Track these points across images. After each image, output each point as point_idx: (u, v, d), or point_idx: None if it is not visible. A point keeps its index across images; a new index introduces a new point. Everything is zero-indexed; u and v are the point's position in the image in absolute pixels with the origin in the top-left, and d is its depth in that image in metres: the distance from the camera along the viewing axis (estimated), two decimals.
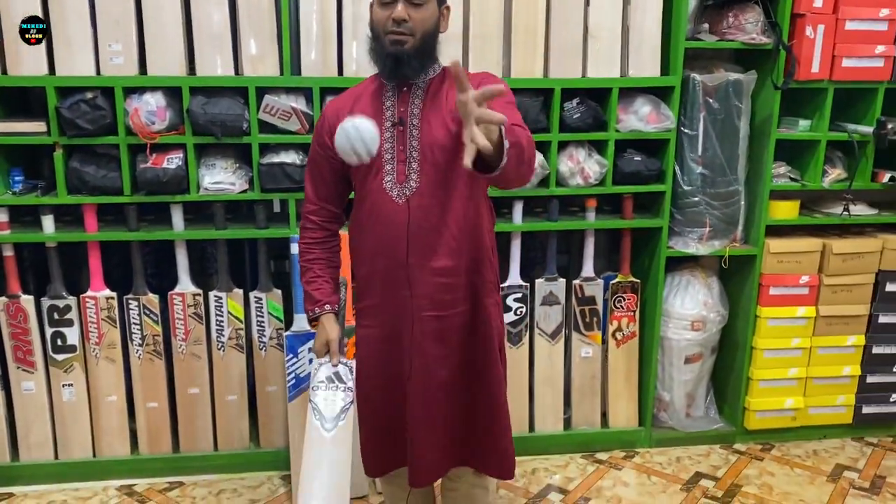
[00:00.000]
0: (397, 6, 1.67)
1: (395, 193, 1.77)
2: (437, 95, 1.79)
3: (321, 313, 1.91)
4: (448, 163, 1.76)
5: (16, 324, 2.65)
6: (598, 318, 2.97)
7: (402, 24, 1.68)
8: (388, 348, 1.86)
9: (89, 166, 2.53)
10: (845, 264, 2.97)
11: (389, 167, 1.78)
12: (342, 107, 1.83)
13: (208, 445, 2.83)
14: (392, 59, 1.71)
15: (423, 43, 1.73)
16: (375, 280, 1.84)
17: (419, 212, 1.76)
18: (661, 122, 2.75)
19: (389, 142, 1.77)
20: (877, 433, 3.21)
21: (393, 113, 1.78)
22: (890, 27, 2.79)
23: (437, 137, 1.76)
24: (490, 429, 1.94)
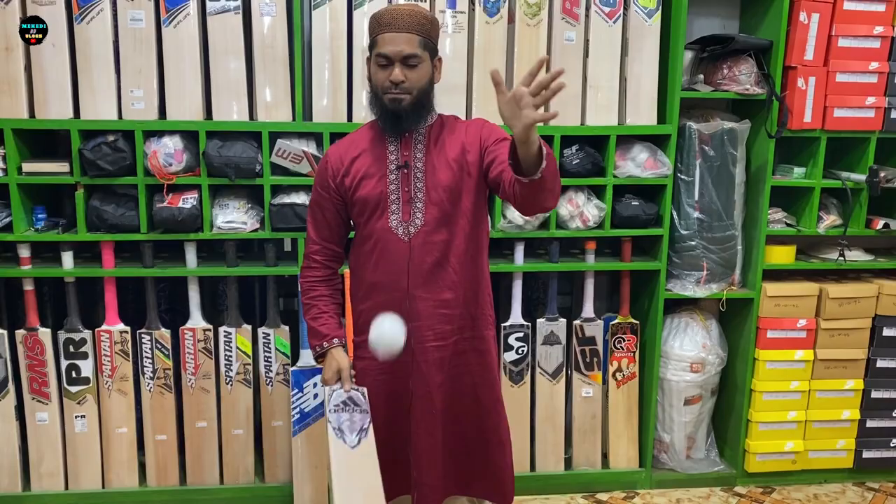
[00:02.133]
0: (394, 69, 1.79)
1: (401, 231, 1.88)
2: (439, 140, 1.91)
3: (329, 347, 1.97)
4: (451, 202, 1.88)
5: (33, 355, 2.74)
6: (598, 358, 3.03)
7: (399, 84, 1.80)
8: (388, 379, 1.95)
9: (108, 205, 2.65)
10: (842, 308, 3.02)
11: (395, 207, 1.89)
12: (345, 153, 1.94)
13: (214, 479, 2.89)
14: (392, 116, 1.85)
15: (420, 97, 1.86)
16: (377, 314, 1.92)
17: (423, 248, 1.87)
18: (658, 169, 2.84)
19: (395, 183, 1.88)
20: (878, 478, 3.22)
21: (397, 157, 1.90)
22: (880, 79, 2.89)
23: (441, 179, 1.88)
24: (491, 455, 2.01)
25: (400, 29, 1.79)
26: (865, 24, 2.85)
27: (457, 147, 1.90)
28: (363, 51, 2.67)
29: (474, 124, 1.94)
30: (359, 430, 1.87)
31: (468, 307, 1.95)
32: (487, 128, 1.93)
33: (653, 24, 2.81)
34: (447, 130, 1.93)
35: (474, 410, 2.00)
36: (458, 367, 1.97)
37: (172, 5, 2.57)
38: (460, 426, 2.00)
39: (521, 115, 1.50)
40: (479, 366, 1.99)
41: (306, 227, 2.05)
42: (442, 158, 1.89)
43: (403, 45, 1.79)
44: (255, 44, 2.64)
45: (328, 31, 2.66)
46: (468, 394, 1.99)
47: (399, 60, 1.80)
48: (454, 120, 1.98)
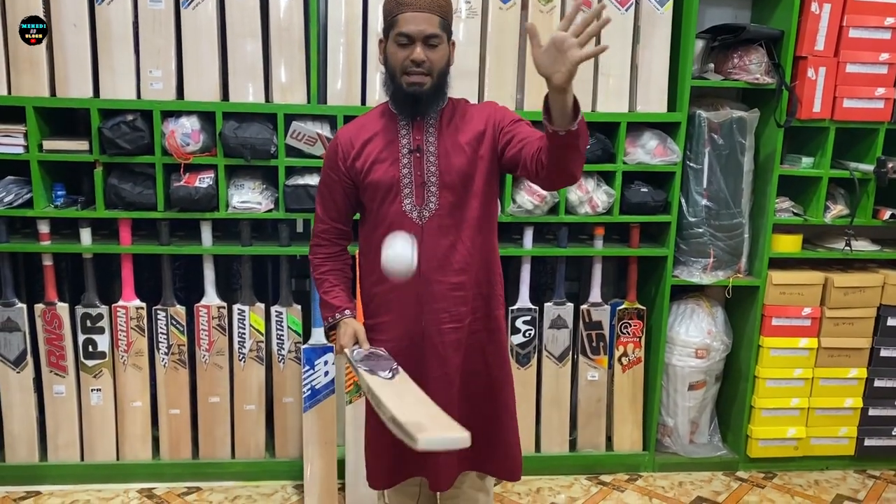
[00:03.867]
0: (416, 48, 1.78)
1: (415, 215, 1.88)
2: (451, 123, 1.92)
3: (342, 318, 1.97)
4: (464, 186, 1.89)
5: (51, 329, 2.81)
6: (604, 342, 3.08)
7: (420, 64, 1.79)
8: (402, 361, 1.91)
9: (126, 183, 2.70)
10: (847, 298, 3.06)
11: (408, 191, 1.89)
12: (356, 135, 1.93)
13: (226, 453, 2.96)
14: (411, 99, 1.83)
15: (439, 81, 1.84)
16: (392, 297, 1.94)
17: (437, 231, 1.89)
18: (668, 156, 2.88)
19: (407, 167, 1.88)
20: (879, 466, 3.26)
21: (409, 141, 1.89)
22: (890, 70, 2.91)
23: (454, 163, 1.88)
24: (502, 433, 2.05)
25: (421, 8, 1.77)
26: (877, 15, 2.86)
27: (469, 130, 1.91)
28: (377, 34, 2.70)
29: (486, 107, 1.95)
30: (390, 369, 1.79)
31: (480, 288, 1.97)
32: (500, 110, 1.94)
33: (664, 13, 2.84)
34: (459, 114, 1.93)
35: (486, 389, 2.03)
36: (472, 347, 1.99)
37: None
38: (473, 405, 2.02)
39: (566, 57, 1.48)
40: (491, 344, 2.02)
41: (315, 206, 2.06)
42: (455, 142, 1.90)
43: (425, 24, 1.77)
44: (272, 26, 2.68)
45: (343, 14, 2.70)
46: (481, 372, 2.01)
47: (421, 40, 1.78)
48: (465, 103, 1.99)
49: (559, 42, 1.48)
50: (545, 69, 1.52)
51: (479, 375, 2.01)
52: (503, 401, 2.06)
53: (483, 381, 2.02)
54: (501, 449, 2.06)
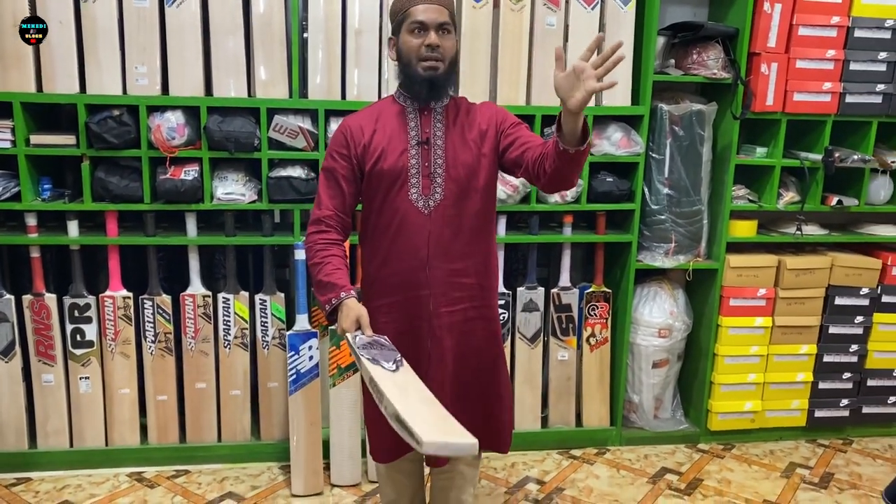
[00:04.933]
0: (430, 34, 1.90)
1: (421, 204, 1.98)
2: (457, 119, 2.02)
3: (346, 297, 1.94)
4: (468, 179, 1.99)
5: (39, 320, 2.87)
6: (573, 324, 3.24)
7: (435, 49, 1.90)
8: (403, 341, 2.02)
9: (113, 176, 2.78)
10: (798, 279, 3.26)
11: (415, 181, 1.98)
12: (365, 124, 2.02)
13: (213, 437, 3.06)
14: (427, 84, 1.93)
15: (451, 67, 1.97)
16: (395, 281, 2.05)
17: (442, 220, 1.99)
18: (632, 147, 3.04)
19: (415, 158, 1.98)
20: (828, 435, 3.49)
21: (417, 132, 2.00)
22: (836, 66, 3.11)
23: (460, 156, 1.99)
24: (493, 409, 2.17)
25: (432, 0, 1.92)
26: (823, 15, 3.05)
27: (474, 127, 2.02)
28: (355, 29, 2.82)
29: (488, 108, 2.07)
30: (394, 360, 1.82)
31: (479, 277, 2.07)
32: (501, 112, 2.06)
33: (628, 11, 3.00)
34: (463, 110, 2.05)
35: (478, 370, 2.13)
36: (466, 331, 2.09)
37: None
38: (466, 384, 2.12)
39: (584, 85, 1.63)
40: (484, 331, 2.11)
41: (318, 193, 2.09)
42: (461, 137, 2.00)
43: (437, 14, 1.91)
44: (254, 24, 2.78)
45: (323, 11, 2.80)
46: (474, 355, 2.11)
47: (434, 27, 1.90)
48: (466, 101, 2.10)
49: (580, 70, 1.65)
50: (563, 93, 1.68)
51: (472, 357, 2.11)
52: (495, 381, 2.16)
53: (475, 362, 2.12)
54: (492, 424, 2.17)
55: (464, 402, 2.12)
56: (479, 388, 2.15)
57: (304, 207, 2.90)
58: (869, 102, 3.15)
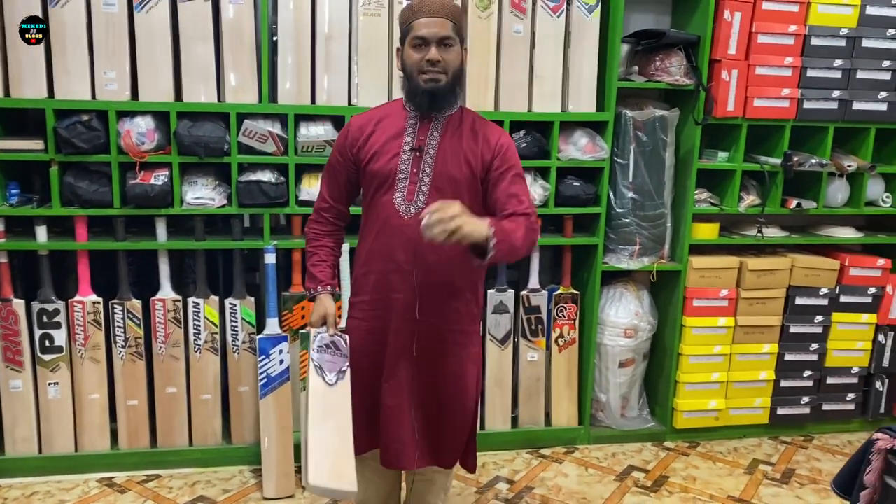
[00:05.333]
0: (431, 49, 1.93)
1: (403, 209, 2.01)
2: (458, 131, 2.04)
3: (322, 292, 2.11)
4: (453, 192, 1.98)
5: (7, 325, 2.86)
6: (542, 325, 3.30)
7: (436, 64, 1.93)
8: (372, 339, 2.09)
9: (82, 181, 2.78)
10: (760, 280, 3.35)
11: (402, 185, 2.01)
12: (366, 125, 2.08)
13: (184, 441, 3.06)
14: (428, 95, 1.96)
15: (454, 80, 1.99)
16: (369, 280, 2.09)
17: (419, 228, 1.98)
18: (597, 153, 3.11)
19: (406, 163, 2.01)
20: (790, 433, 3.58)
21: (413, 139, 2.02)
22: (794, 73, 3.21)
23: (449, 168, 2.01)
24: (453, 427, 2.15)
25: (434, 14, 1.93)
26: (781, 23, 3.15)
27: (473, 146, 2.02)
28: (324, 35, 2.85)
29: (499, 137, 2.05)
30: (338, 372, 1.98)
31: (455, 294, 2.08)
32: (509, 150, 2.04)
33: (593, 19, 3.07)
34: (467, 125, 2.05)
35: (440, 384, 2.11)
36: (433, 346, 2.09)
37: None
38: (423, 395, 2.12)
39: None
40: (453, 348, 2.10)
41: (320, 185, 2.19)
42: (455, 149, 2.01)
43: (438, 28, 1.92)
44: (224, 30, 2.80)
45: (292, 18, 2.83)
46: (436, 370, 2.11)
47: (435, 42, 1.92)
48: (478, 117, 2.10)
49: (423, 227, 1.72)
50: None
51: (435, 371, 2.10)
52: (457, 401, 2.13)
53: (439, 376, 2.11)
54: (447, 439, 2.16)
55: (420, 411, 2.12)
56: (439, 402, 2.13)
57: (273, 211, 2.92)
58: (825, 108, 3.25)
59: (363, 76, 2.90)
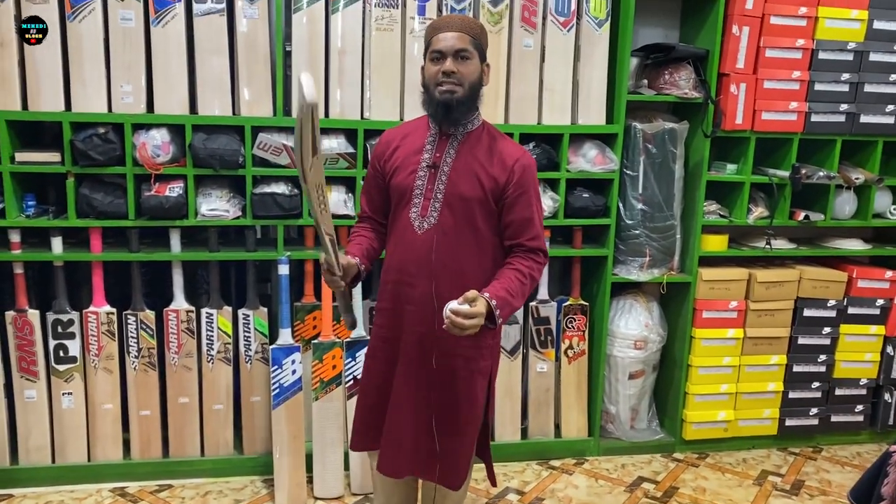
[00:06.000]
0: (447, 61, 1.99)
1: (417, 224, 2.07)
2: (474, 150, 2.07)
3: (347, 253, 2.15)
4: (463, 210, 2.04)
5: (22, 336, 2.88)
6: (552, 336, 3.31)
7: (451, 75, 1.98)
8: (385, 347, 2.17)
9: (98, 193, 2.81)
10: (768, 291, 3.37)
11: (417, 201, 2.07)
12: (393, 139, 2.17)
13: (196, 451, 3.07)
14: (443, 107, 2.01)
15: (471, 92, 2.03)
16: (388, 289, 2.16)
17: (432, 244, 2.05)
18: (607, 165, 3.13)
19: (422, 179, 2.07)
20: (799, 444, 3.59)
21: (430, 156, 2.08)
22: (801, 87, 3.23)
23: (460, 187, 2.04)
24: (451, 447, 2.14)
25: (452, 29, 2.00)
26: (789, 38, 3.18)
27: (488, 166, 2.04)
28: (338, 49, 2.89)
29: (515, 160, 2.05)
30: None
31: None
32: (523, 175, 2.05)
33: (602, 33, 3.10)
34: (486, 143, 2.08)
35: (441, 401, 2.12)
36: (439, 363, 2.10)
37: (161, 6, 2.74)
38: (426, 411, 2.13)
39: None
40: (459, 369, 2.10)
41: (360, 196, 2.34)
42: (469, 167, 2.04)
43: (454, 41, 1.98)
44: (238, 44, 2.83)
45: (307, 32, 2.86)
46: (439, 387, 2.10)
47: (451, 54, 1.98)
48: (500, 136, 2.13)
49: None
50: None
51: (439, 388, 2.11)
52: (463, 418, 2.13)
53: (441, 393, 2.11)
54: (449, 460, 2.16)
55: (424, 423, 2.14)
56: (439, 418, 2.13)
57: (287, 223, 2.95)
58: (833, 121, 3.27)
59: (376, 90, 2.94)
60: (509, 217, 2.06)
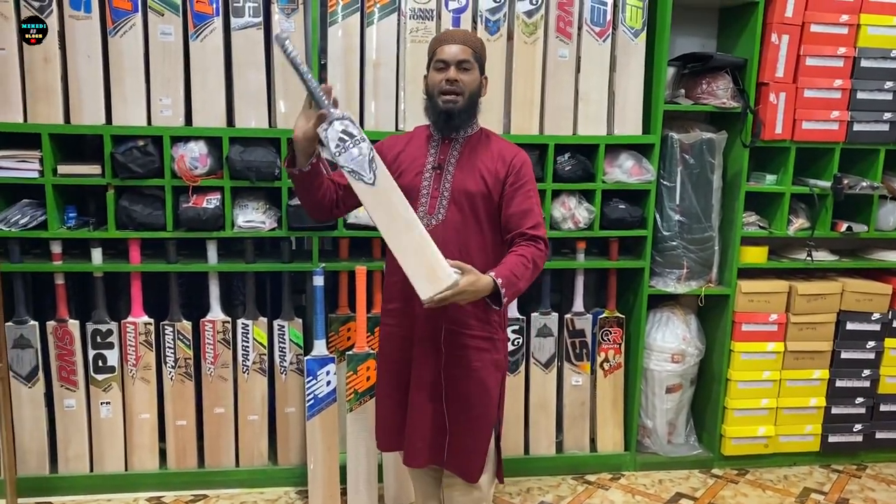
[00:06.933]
0: (450, 70, 2.11)
1: (425, 222, 2.12)
2: (475, 150, 2.19)
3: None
4: (469, 207, 2.15)
5: (62, 345, 2.92)
6: (587, 349, 3.27)
7: (454, 83, 2.10)
8: (401, 346, 2.25)
9: (137, 205, 2.84)
10: (810, 304, 3.29)
11: (424, 200, 2.16)
12: (396, 143, 2.27)
13: (231, 462, 3.09)
14: (445, 115, 2.13)
15: (470, 101, 2.15)
16: (397, 289, 2.22)
17: (442, 238, 2.09)
18: (643, 175, 3.10)
19: (428, 180, 2.17)
20: (842, 461, 3.49)
21: (435, 158, 2.19)
22: (843, 95, 3.17)
23: (466, 184, 2.15)
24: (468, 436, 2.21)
25: (456, 41, 2.13)
26: (830, 45, 3.12)
27: (490, 163, 2.16)
28: (372, 61, 2.90)
29: (513, 156, 2.18)
30: (368, 163, 2.00)
31: (475, 306, 2.14)
32: (521, 168, 2.16)
33: (639, 43, 3.07)
34: (484, 143, 2.21)
35: (455, 395, 2.20)
36: (451, 356, 2.18)
37: (200, 21, 2.78)
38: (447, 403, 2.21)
39: None
40: (473, 361, 2.18)
41: None
42: (473, 166, 2.16)
43: (458, 52, 2.11)
44: (275, 57, 2.86)
45: (342, 45, 2.88)
46: (453, 381, 2.19)
47: (454, 64, 2.11)
48: (496, 137, 2.26)
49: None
50: None
51: (452, 382, 2.19)
52: (478, 409, 2.20)
53: (454, 388, 2.19)
54: (464, 451, 2.23)
55: (442, 422, 2.22)
56: (462, 413, 2.21)
57: (322, 234, 2.96)
58: (876, 130, 3.20)
59: (410, 102, 2.94)
60: (510, 209, 2.14)
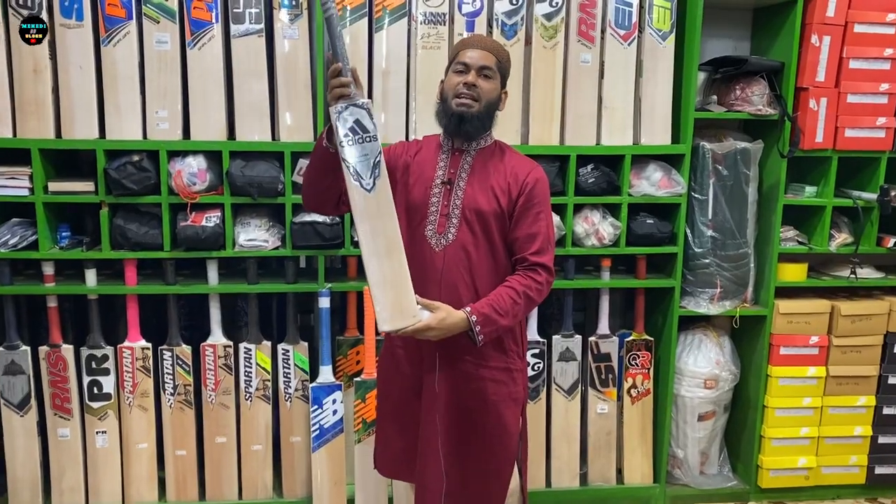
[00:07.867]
0: (470, 73, 1.98)
1: (434, 242, 2.00)
2: (487, 165, 2.05)
3: None
4: (481, 225, 2.01)
5: (55, 372, 2.78)
6: (613, 374, 3.06)
7: (472, 87, 1.97)
8: (409, 370, 2.09)
9: (132, 223, 2.69)
10: (854, 325, 3.06)
11: (433, 218, 2.02)
12: (409, 150, 2.12)
13: (233, 494, 2.92)
14: (457, 118, 1.98)
15: (486, 109, 2.01)
16: None
17: (451, 261, 1.99)
18: (673, 188, 2.89)
19: (437, 196, 2.02)
20: (890, 494, 3.25)
21: (444, 172, 2.04)
22: (890, 100, 2.94)
23: (477, 202, 2.01)
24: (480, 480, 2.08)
25: (482, 47, 2.01)
26: (876, 47, 2.90)
27: (501, 180, 2.03)
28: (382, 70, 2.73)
29: (527, 174, 2.03)
30: (372, 167, 1.88)
31: None
32: (534, 188, 2.02)
33: (667, 46, 2.86)
34: (498, 158, 2.06)
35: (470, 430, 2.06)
36: (464, 386, 2.05)
37: (197, 28, 2.62)
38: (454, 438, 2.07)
39: None
40: (486, 391, 2.05)
41: None
42: (484, 182, 2.02)
43: (481, 58, 1.99)
44: (278, 66, 2.69)
45: (350, 53, 2.70)
46: (467, 413, 2.05)
47: (476, 69, 1.98)
48: (511, 151, 2.11)
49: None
50: None
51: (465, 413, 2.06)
52: (488, 449, 2.08)
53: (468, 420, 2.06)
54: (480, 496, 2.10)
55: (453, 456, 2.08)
56: (468, 448, 2.08)
57: (328, 253, 2.79)
58: None
59: (422, 113, 2.76)
60: (515, 233, 2.02)
